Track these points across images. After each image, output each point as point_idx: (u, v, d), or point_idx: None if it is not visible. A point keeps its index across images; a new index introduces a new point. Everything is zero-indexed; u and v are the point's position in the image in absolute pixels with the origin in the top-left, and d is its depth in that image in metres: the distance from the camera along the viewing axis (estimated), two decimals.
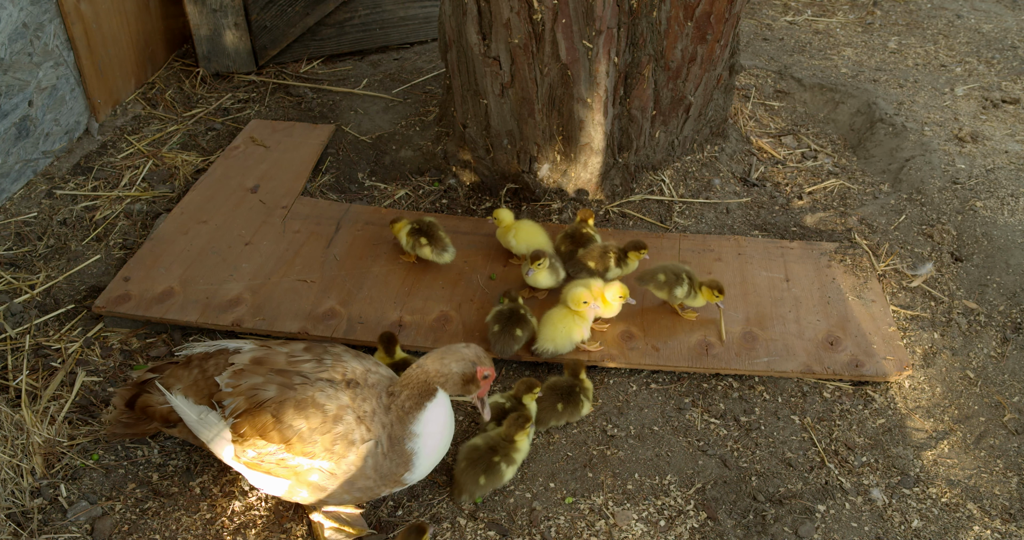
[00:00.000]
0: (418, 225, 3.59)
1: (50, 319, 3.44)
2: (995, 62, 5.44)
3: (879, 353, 3.30)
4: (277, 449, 2.40)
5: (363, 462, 2.40)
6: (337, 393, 2.42)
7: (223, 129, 4.73)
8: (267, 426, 2.39)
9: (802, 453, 3.03)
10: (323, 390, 2.42)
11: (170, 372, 2.62)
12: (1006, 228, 3.83)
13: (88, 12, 4.37)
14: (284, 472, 2.43)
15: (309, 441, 2.38)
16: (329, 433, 2.38)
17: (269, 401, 2.41)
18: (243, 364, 2.51)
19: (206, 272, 3.58)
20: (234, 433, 2.44)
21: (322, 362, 2.49)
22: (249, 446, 2.43)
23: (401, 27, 5.48)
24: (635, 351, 3.28)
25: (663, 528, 2.75)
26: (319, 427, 2.38)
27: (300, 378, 2.44)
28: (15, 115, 3.99)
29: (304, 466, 2.40)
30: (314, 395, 2.40)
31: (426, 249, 3.56)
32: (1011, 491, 2.92)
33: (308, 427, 2.38)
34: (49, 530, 2.68)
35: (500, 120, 3.95)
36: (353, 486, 2.44)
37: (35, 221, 3.95)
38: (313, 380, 2.44)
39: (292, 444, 2.38)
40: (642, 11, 3.64)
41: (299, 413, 2.38)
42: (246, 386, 2.44)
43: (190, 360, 2.62)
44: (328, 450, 2.38)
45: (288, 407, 2.39)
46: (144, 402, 2.66)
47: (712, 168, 4.31)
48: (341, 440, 2.38)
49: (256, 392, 2.43)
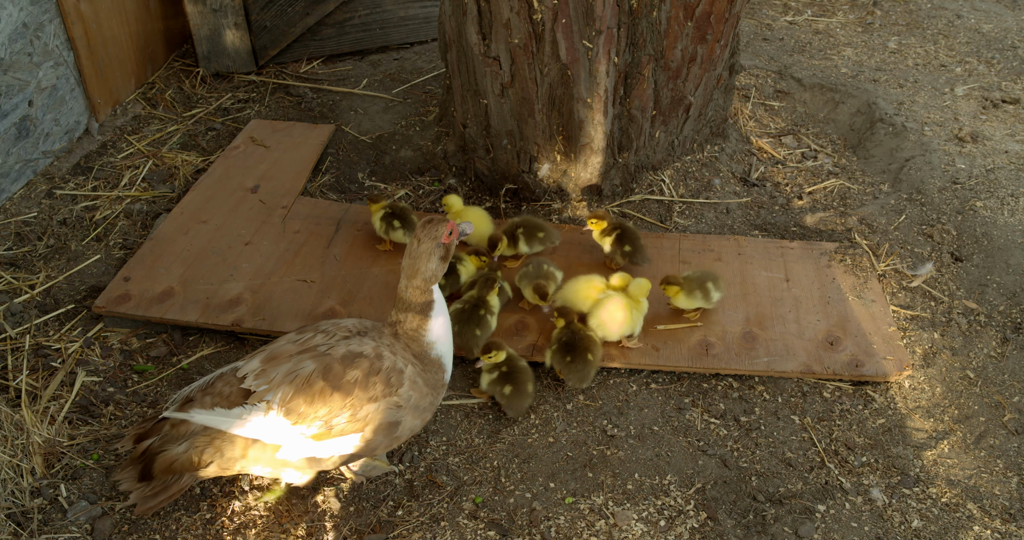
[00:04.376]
0: (391, 209, 3.63)
1: (50, 319, 3.44)
2: (995, 62, 5.44)
3: (879, 353, 3.30)
4: (342, 406, 2.44)
5: (416, 383, 2.54)
6: (362, 340, 2.52)
7: (223, 129, 4.73)
8: (324, 391, 2.43)
9: (802, 453, 3.03)
10: (350, 343, 2.50)
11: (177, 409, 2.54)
12: (1006, 228, 3.83)
13: (88, 12, 4.37)
14: (355, 426, 2.48)
15: (369, 385, 2.46)
16: (382, 370, 2.48)
17: (313, 372, 2.44)
18: (258, 367, 2.49)
19: (206, 272, 3.58)
20: (292, 415, 2.43)
21: (325, 332, 2.56)
22: (312, 420, 2.44)
23: (401, 27, 5.48)
24: (635, 351, 3.28)
25: (663, 528, 2.75)
26: (370, 369, 2.46)
27: (324, 346, 2.50)
28: (15, 115, 3.99)
29: (372, 411, 2.47)
30: (349, 348, 2.48)
31: (399, 232, 3.63)
32: (1011, 491, 2.92)
33: (362, 373, 2.45)
34: (49, 530, 2.68)
35: (500, 120, 3.95)
36: (420, 408, 2.57)
37: (35, 221, 3.95)
38: (335, 342, 2.51)
39: (355, 394, 2.45)
40: (642, 11, 3.64)
41: (347, 367, 2.45)
42: (282, 374, 2.45)
43: (191, 399, 2.54)
44: (387, 385, 2.48)
45: (334, 366, 2.45)
46: (164, 462, 2.51)
47: (712, 168, 4.31)
48: (394, 373, 2.49)
49: (295, 373, 2.44)
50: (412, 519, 2.75)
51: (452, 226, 2.60)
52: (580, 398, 3.19)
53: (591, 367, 3.10)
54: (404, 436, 2.61)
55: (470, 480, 2.88)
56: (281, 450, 2.50)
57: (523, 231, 3.62)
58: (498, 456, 2.96)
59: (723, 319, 3.44)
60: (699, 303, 3.37)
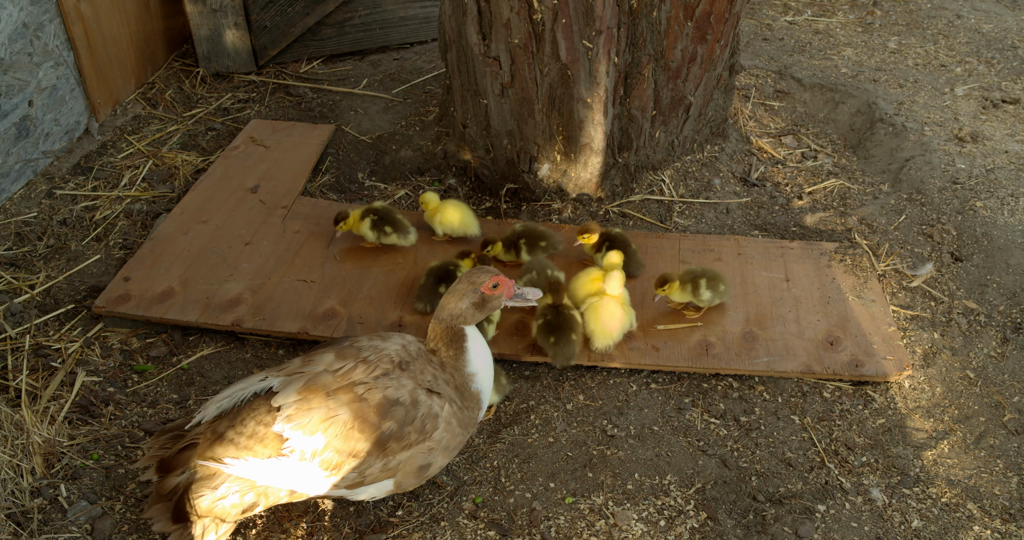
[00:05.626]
0: (376, 216, 3.63)
1: (50, 319, 3.44)
2: (995, 62, 5.44)
3: (879, 353, 3.30)
4: (376, 458, 2.39)
5: (450, 425, 2.50)
6: (400, 380, 2.43)
7: (223, 129, 4.73)
8: (359, 443, 2.35)
9: (802, 453, 3.03)
10: (388, 385, 2.41)
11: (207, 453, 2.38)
12: (1006, 228, 3.83)
13: (88, 12, 4.37)
14: (387, 474, 2.44)
15: (403, 435, 2.40)
16: (417, 419, 2.41)
17: (348, 421, 2.34)
18: (293, 403, 2.35)
19: (206, 272, 3.58)
20: (327, 467, 2.35)
21: (367, 361, 2.45)
22: (348, 470, 2.37)
23: (401, 27, 5.48)
24: (635, 351, 3.28)
25: (663, 528, 2.75)
26: (405, 418, 2.40)
27: (362, 386, 2.39)
28: (15, 115, 3.99)
29: (405, 458, 2.44)
30: (385, 394, 2.39)
31: (393, 236, 3.66)
32: (1011, 491, 2.92)
33: (396, 423, 2.38)
34: (49, 530, 2.68)
35: (500, 120, 3.95)
36: (450, 449, 2.54)
37: (35, 221, 3.95)
38: (373, 381, 2.40)
39: (389, 446, 2.39)
40: (642, 11, 3.64)
41: (383, 417, 2.37)
42: (316, 420, 2.32)
43: (215, 430, 2.40)
44: (421, 433, 2.43)
45: (370, 417, 2.36)
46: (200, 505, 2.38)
47: (712, 168, 4.31)
48: (429, 419, 2.44)
49: (331, 422, 2.33)
50: (412, 519, 2.75)
51: (504, 283, 2.56)
52: (580, 398, 3.19)
53: (575, 346, 3.14)
54: (433, 474, 2.57)
55: (470, 480, 2.88)
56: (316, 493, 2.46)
57: (525, 241, 3.60)
58: (498, 456, 2.96)
59: (723, 319, 3.44)
60: (688, 298, 3.36)
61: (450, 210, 3.73)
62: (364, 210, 3.66)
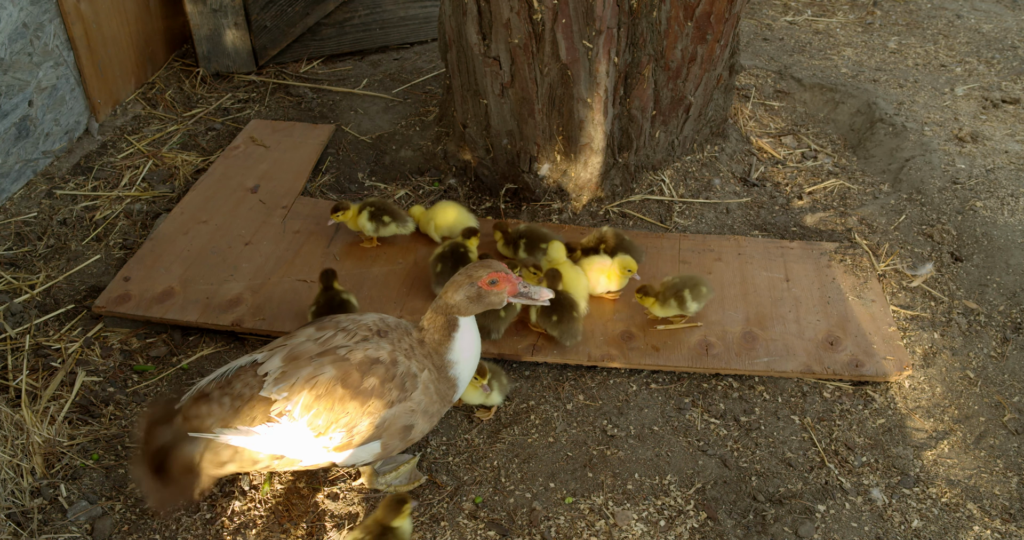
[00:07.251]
0: (373, 208, 3.64)
1: (50, 319, 3.44)
2: (995, 62, 5.44)
3: (879, 353, 3.30)
4: (360, 416, 2.44)
5: (428, 389, 2.56)
6: (379, 344, 2.51)
7: (223, 129, 4.73)
8: (343, 401, 2.42)
9: (802, 453, 3.03)
10: (367, 347, 2.49)
11: (192, 413, 2.46)
12: (1006, 228, 3.83)
13: (88, 12, 4.37)
14: (374, 433, 2.49)
15: (384, 393, 2.46)
16: (396, 377, 2.48)
17: (333, 379, 2.43)
18: (278, 368, 2.45)
19: (206, 272, 3.58)
20: (315, 427, 2.42)
21: (346, 330, 2.55)
22: (333, 431, 2.44)
23: (401, 27, 5.48)
24: (635, 351, 3.28)
25: (663, 528, 2.75)
26: (385, 375, 2.46)
27: (343, 349, 2.48)
28: (15, 115, 3.99)
29: (390, 417, 2.48)
30: (366, 353, 2.48)
31: (392, 226, 3.67)
32: (1011, 491, 2.92)
33: (379, 380, 2.45)
34: (49, 530, 2.68)
35: (500, 120, 3.95)
36: (429, 413, 2.58)
37: (35, 221, 3.95)
38: (354, 344, 2.50)
39: (371, 403, 2.45)
40: (642, 11, 3.64)
41: (364, 374, 2.45)
42: (302, 379, 2.42)
43: (206, 394, 2.48)
44: (402, 390, 2.49)
45: (352, 373, 2.44)
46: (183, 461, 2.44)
47: (712, 168, 4.31)
48: (408, 378, 2.50)
49: (315, 378, 2.42)
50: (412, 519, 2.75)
51: (505, 280, 2.56)
52: (580, 398, 3.19)
53: (578, 323, 3.21)
54: (416, 438, 2.62)
55: (470, 480, 2.88)
56: (302, 462, 2.51)
57: (525, 241, 3.61)
58: (498, 456, 2.96)
59: (723, 319, 3.44)
60: (674, 311, 3.32)
61: (440, 211, 3.73)
62: (361, 205, 3.68)
